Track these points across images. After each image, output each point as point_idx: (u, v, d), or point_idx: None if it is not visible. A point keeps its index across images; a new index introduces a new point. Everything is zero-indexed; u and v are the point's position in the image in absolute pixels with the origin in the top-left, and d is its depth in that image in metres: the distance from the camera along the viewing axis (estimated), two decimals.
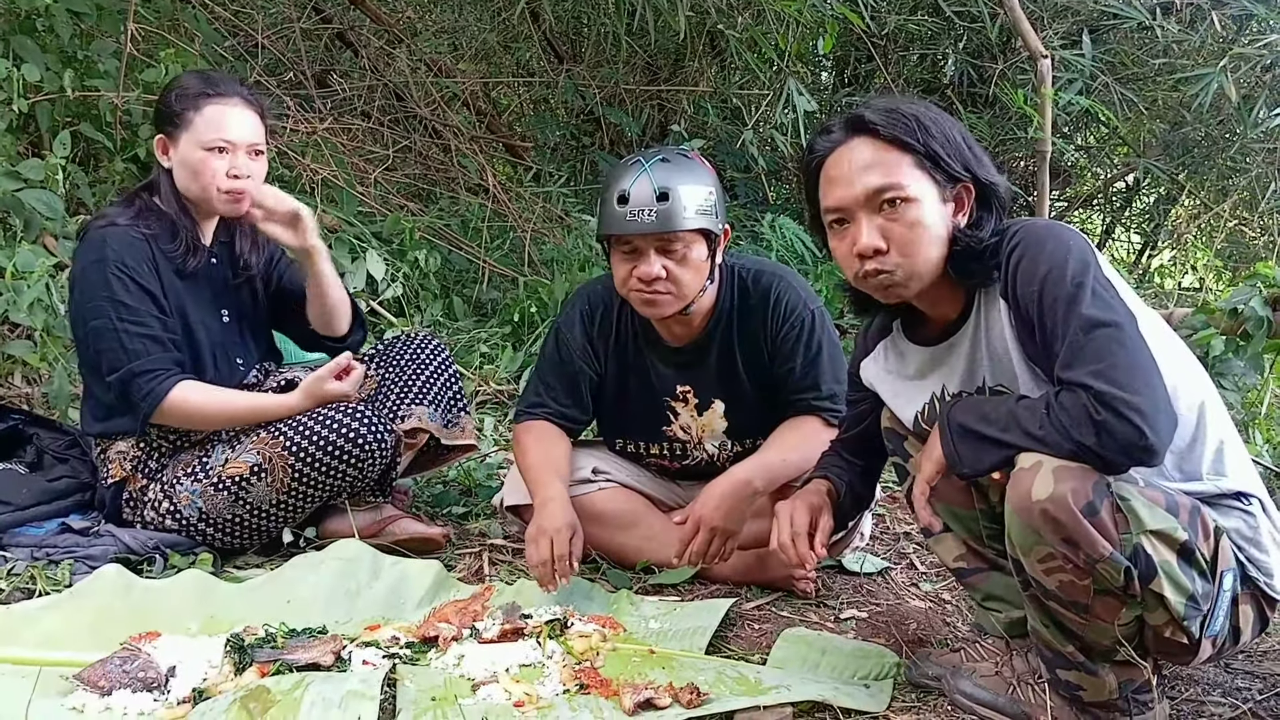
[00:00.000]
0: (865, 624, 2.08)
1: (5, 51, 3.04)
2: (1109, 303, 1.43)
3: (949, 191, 1.54)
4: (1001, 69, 5.11)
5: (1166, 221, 6.40)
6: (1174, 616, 1.43)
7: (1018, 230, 1.53)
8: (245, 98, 2.18)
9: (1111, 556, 1.38)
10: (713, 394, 2.25)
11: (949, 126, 1.55)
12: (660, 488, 2.39)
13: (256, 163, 2.19)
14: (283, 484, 2.13)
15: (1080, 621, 1.47)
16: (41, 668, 1.66)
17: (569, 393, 2.26)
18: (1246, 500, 1.52)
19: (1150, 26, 4.56)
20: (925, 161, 1.52)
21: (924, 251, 1.53)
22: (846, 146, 1.56)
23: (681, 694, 1.67)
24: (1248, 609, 1.51)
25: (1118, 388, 1.35)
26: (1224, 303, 3.07)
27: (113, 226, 2.13)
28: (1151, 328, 1.50)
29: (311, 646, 1.77)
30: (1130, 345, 1.39)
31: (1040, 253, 1.48)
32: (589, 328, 2.27)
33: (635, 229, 2.01)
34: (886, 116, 1.53)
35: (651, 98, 5.70)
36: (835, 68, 6.17)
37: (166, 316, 2.14)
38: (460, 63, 5.85)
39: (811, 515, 1.81)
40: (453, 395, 2.52)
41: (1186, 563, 1.42)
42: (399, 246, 3.93)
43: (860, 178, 1.53)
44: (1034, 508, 1.39)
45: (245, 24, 4.72)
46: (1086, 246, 1.50)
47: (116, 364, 2.07)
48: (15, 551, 2.10)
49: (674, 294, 2.07)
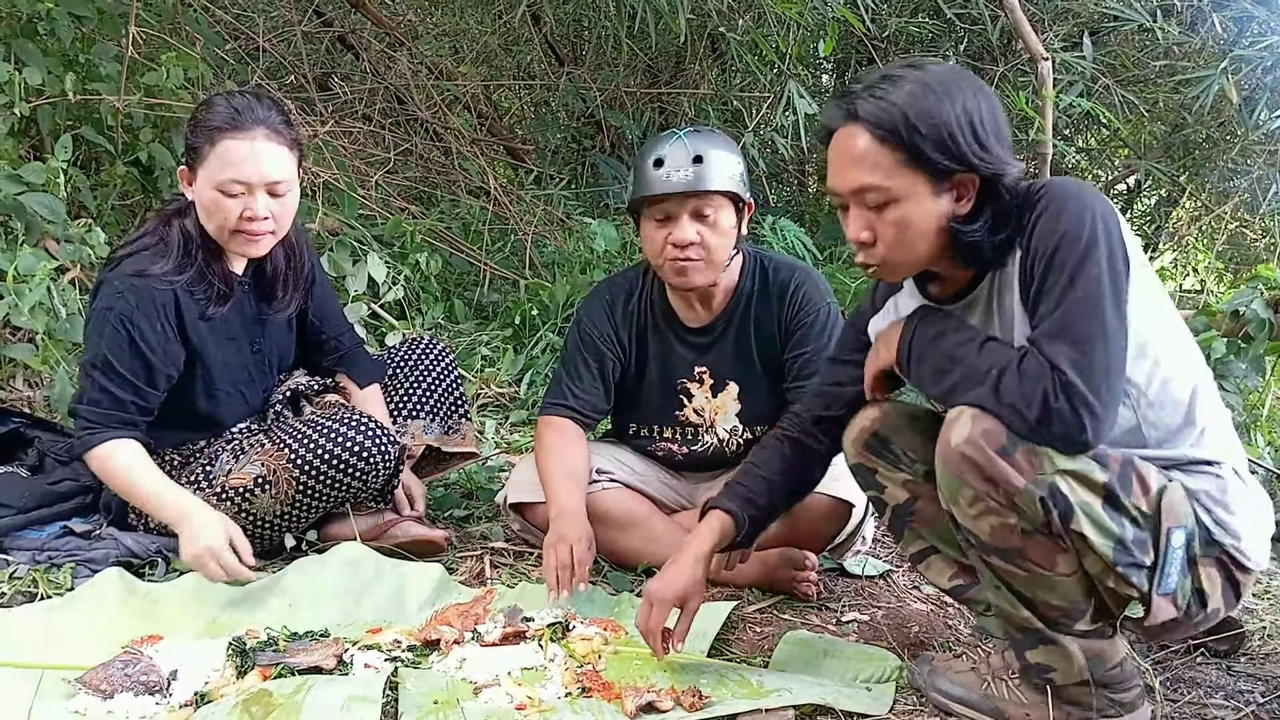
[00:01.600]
0: (867, 627, 2.08)
1: (7, 55, 3.04)
2: (1107, 283, 1.43)
3: (945, 184, 1.50)
4: (1002, 71, 5.11)
5: (1167, 223, 6.40)
6: (1106, 562, 1.47)
7: (1045, 185, 1.51)
8: (271, 128, 2.02)
9: (1026, 489, 1.44)
10: (728, 376, 2.31)
11: (947, 110, 1.46)
12: (662, 488, 2.39)
13: (279, 200, 2.06)
14: (286, 495, 2.12)
15: (1023, 574, 1.51)
16: (44, 671, 1.66)
17: (593, 381, 2.31)
18: (1217, 465, 1.55)
19: (1151, 28, 4.55)
20: (913, 159, 1.48)
21: (910, 248, 1.53)
22: (842, 131, 1.53)
23: (683, 697, 1.67)
24: (1213, 572, 1.54)
25: (1084, 382, 1.40)
26: (1225, 305, 3.07)
27: (139, 278, 2.04)
28: (1154, 306, 1.53)
29: (313, 650, 1.77)
30: (1112, 339, 1.42)
31: (1064, 208, 1.47)
32: (612, 314, 2.33)
33: (671, 187, 2.09)
34: (877, 108, 1.47)
35: (652, 100, 5.69)
36: (836, 70, 6.16)
37: (151, 387, 2.06)
38: (461, 66, 5.86)
39: (677, 599, 1.75)
40: (454, 402, 2.52)
41: (1113, 507, 1.46)
42: (400, 249, 3.93)
43: (847, 171, 1.52)
44: (954, 453, 1.47)
45: (246, 27, 4.73)
46: (1109, 214, 1.48)
47: (76, 399, 2.08)
48: (17, 555, 2.09)
49: (705, 260, 2.14)
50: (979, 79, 1.53)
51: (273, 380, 2.34)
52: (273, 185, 2.04)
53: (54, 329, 2.71)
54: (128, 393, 2.05)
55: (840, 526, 2.22)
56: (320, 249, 3.56)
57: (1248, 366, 2.97)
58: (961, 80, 1.50)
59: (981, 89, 1.51)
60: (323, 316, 2.40)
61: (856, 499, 2.16)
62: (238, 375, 2.23)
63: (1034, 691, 1.60)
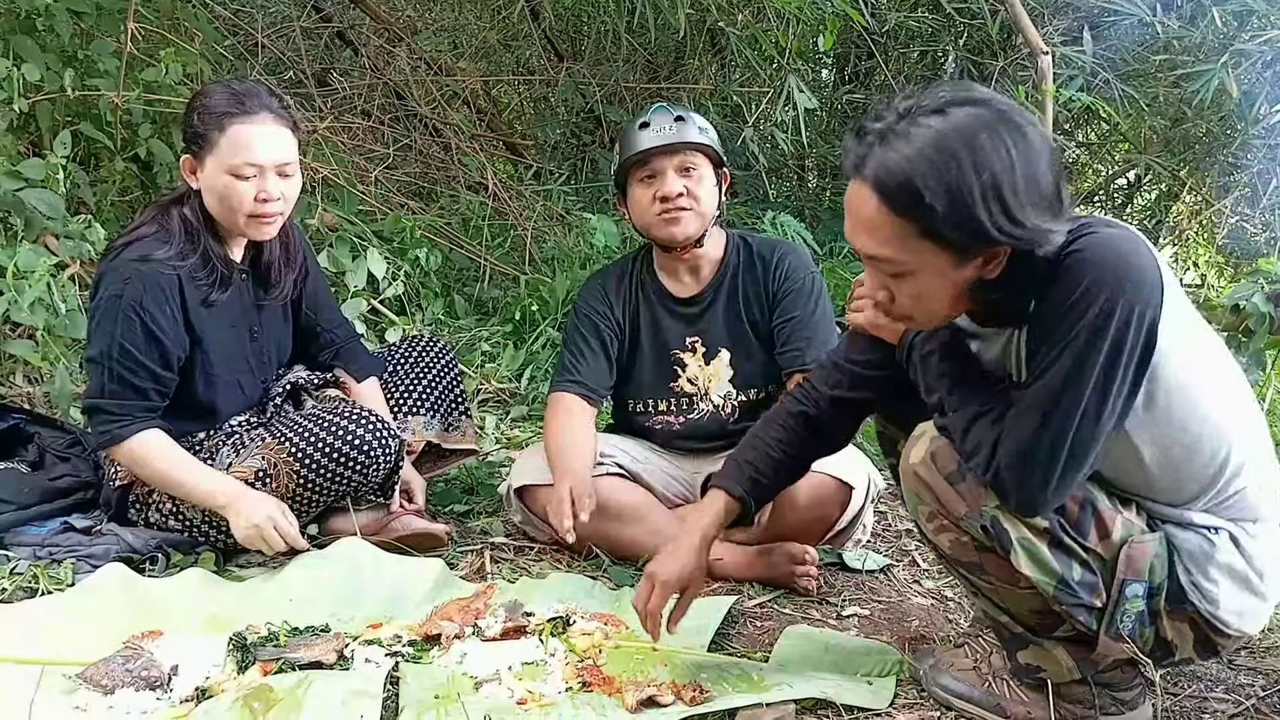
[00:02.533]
0: (867, 621, 2.08)
1: (5, 51, 3.04)
2: (1104, 386, 1.34)
3: (970, 256, 1.34)
4: (1002, 66, 5.09)
5: (1168, 218, 6.38)
6: (1045, 598, 1.49)
7: (1086, 245, 1.34)
8: (275, 112, 2.08)
9: (967, 516, 1.49)
10: (719, 343, 2.42)
11: (970, 180, 1.27)
12: (665, 478, 2.41)
13: (287, 182, 2.10)
14: (287, 489, 2.12)
15: (987, 586, 1.56)
16: (45, 666, 1.66)
17: (595, 358, 2.42)
18: (1213, 530, 1.49)
19: (1151, 23, 4.54)
20: (929, 234, 1.31)
21: (930, 312, 1.45)
22: (854, 186, 1.38)
23: (684, 691, 1.67)
24: (1182, 627, 1.50)
25: (1015, 475, 1.40)
26: (1226, 299, 3.06)
27: (143, 263, 2.05)
28: (1193, 372, 1.42)
29: (314, 645, 1.77)
30: (1078, 441, 1.37)
31: (1098, 284, 1.32)
32: (606, 294, 2.47)
33: (655, 142, 2.28)
34: (887, 170, 1.30)
35: (652, 95, 5.66)
36: (836, 65, 6.15)
37: (168, 370, 2.08)
38: (460, 61, 5.84)
39: (680, 584, 1.74)
40: (454, 398, 2.52)
41: (1058, 548, 1.47)
42: (400, 245, 3.92)
43: (859, 235, 1.39)
44: (910, 470, 1.52)
45: (245, 23, 4.72)
46: (1139, 295, 1.32)
47: (93, 393, 2.07)
48: (17, 551, 2.10)
49: (694, 210, 2.30)
50: (1018, 121, 1.30)
51: (270, 373, 2.34)
52: (282, 166, 2.09)
53: (54, 325, 2.71)
54: (147, 380, 2.06)
55: (840, 511, 2.24)
56: (320, 245, 3.56)
57: (1248, 361, 2.97)
58: (992, 132, 1.28)
59: (1019, 139, 1.29)
60: (317, 308, 2.41)
61: (856, 481, 2.19)
62: (236, 364, 2.23)
63: (1035, 689, 1.61)
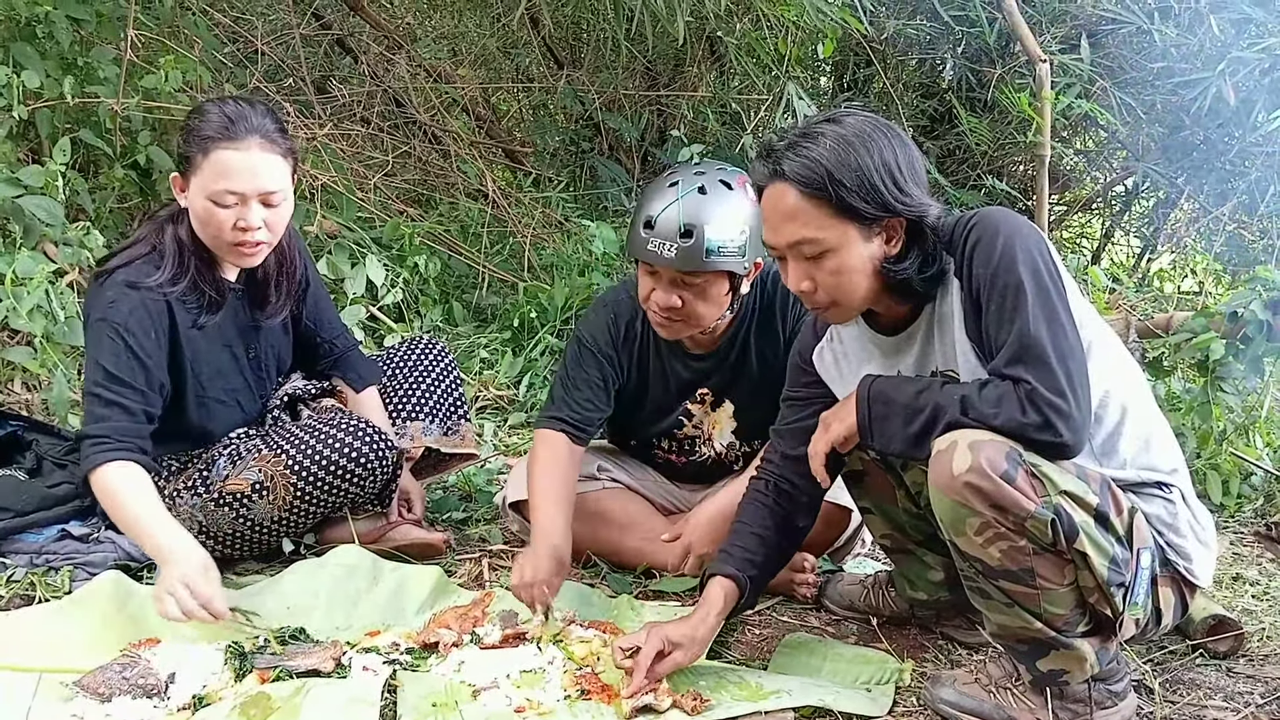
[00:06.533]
0: (866, 629, 2.08)
1: (5, 58, 3.04)
2: (1053, 299, 1.53)
3: (874, 229, 1.59)
4: (1000, 73, 5.10)
5: (1166, 225, 6.39)
6: (1099, 580, 1.52)
7: (974, 216, 1.61)
8: (265, 137, 1.97)
9: (1037, 511, 1.48)
10: (727, 395, 2.29)
11: (867, 161, 1.55)
12: (661, 491, 2.40)
13: (272, 211, 2.01)
14: (284, 501, 2.11)
15: (1032, 592, 1.55)
16: (42, 674, 1.66)
17: (590, 394, 2.21)
18: (1168, 489, 1.63)
19: (1149, 30, 4.55)
20: (841, 211, 1.56)
21: (850, 290, 1.62)
22: (771, 190, 1.61)
23: (683, 699, 1.67)
24: (1168, 591, 1.63)
25: (1049, 389, 1.47)
26: (1224, 306, 3.06)
27: (132, 289, 2.00)
28: (1087, 323, 1.60)
29: (311, 653, 1.77)
30: (1068, 351, 1.50)
31: (995, 237, 1.56)
32: (614, 336, 2.25)
33: (654, 260, 2.00)
34: (802, 166, 1.55)
35: (651, 103, 5.69)
36: (834, 72, 6.16)
37: (152, 390, 2.01)
38: (460, 68, 5.85)
39: (680, 648, 1.73)
40: (453, 403, 2.52)
41: (1103, 527, 1.52)
42: (399, 252, 3.92)
43: (781, 227, 1.60)
44: (956, 483, 1.49)
45: (245, 30, 4.73)
46: (1038, 237, 1.58)
47: (85, 422, 1.99)
48: (15, 558, 2.09)
49: (686, 323, 2.09)
50: (895, 127, 1.62)
51: (270, 386, 2.33)
52: (266, 196, 1.99)
53: (52, 332, 2.71)
54: (137, 400, 1.98)
55: (839, 532, 2.26)
56: (319, 252, 3.56)
57: (1246, 368, 2.96)
58: (877, 131, 1.58)
59: (898, 137, 1.60)
60: (317, 320, 2.39)
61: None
62: (232, 382, 2.21)
63: (1038, 695, 1.63)
